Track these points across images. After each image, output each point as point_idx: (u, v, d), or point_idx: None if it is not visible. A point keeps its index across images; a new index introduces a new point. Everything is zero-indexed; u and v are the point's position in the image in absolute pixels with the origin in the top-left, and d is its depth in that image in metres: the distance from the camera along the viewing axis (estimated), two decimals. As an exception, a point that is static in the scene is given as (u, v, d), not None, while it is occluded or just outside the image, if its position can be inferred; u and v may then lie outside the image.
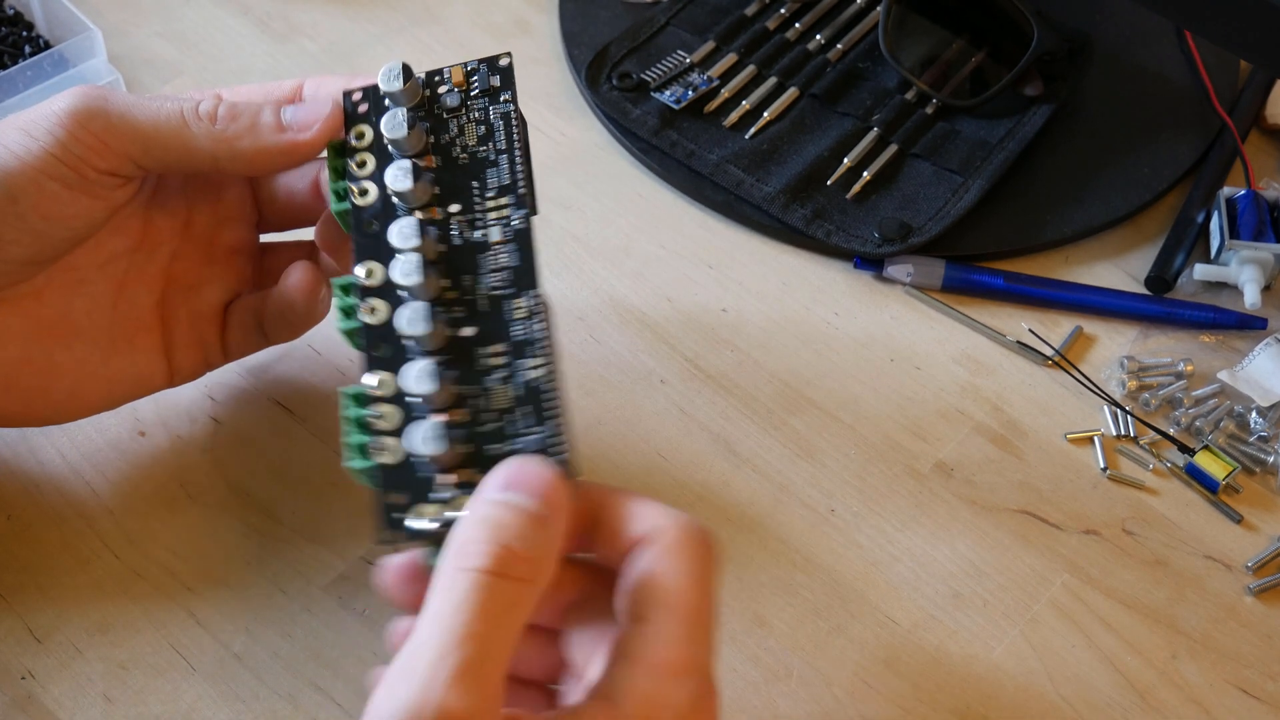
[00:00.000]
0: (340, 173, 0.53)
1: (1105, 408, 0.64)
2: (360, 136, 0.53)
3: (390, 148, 0.53)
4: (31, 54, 0.72)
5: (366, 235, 0.51)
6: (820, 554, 0.59)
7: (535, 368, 0.48)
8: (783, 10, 0.77)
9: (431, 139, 0.53)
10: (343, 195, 0.52)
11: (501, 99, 0.54)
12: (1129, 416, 0.64)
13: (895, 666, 0.56)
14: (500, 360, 0.48)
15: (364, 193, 0.52)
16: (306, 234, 0.60)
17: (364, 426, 0.48)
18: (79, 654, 0.54)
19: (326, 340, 0.64)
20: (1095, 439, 0.63)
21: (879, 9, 0.76)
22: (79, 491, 0.58)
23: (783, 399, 0.64)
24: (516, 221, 0.51)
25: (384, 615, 0.56)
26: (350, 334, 0.50)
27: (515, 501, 0.43)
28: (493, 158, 0.52)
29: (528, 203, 0.51)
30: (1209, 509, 0.62)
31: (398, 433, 0.47)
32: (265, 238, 0.61)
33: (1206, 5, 0.63)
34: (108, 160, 0.52)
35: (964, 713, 0.55)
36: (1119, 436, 0.64)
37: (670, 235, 0.70)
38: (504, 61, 0.55)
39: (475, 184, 0.52)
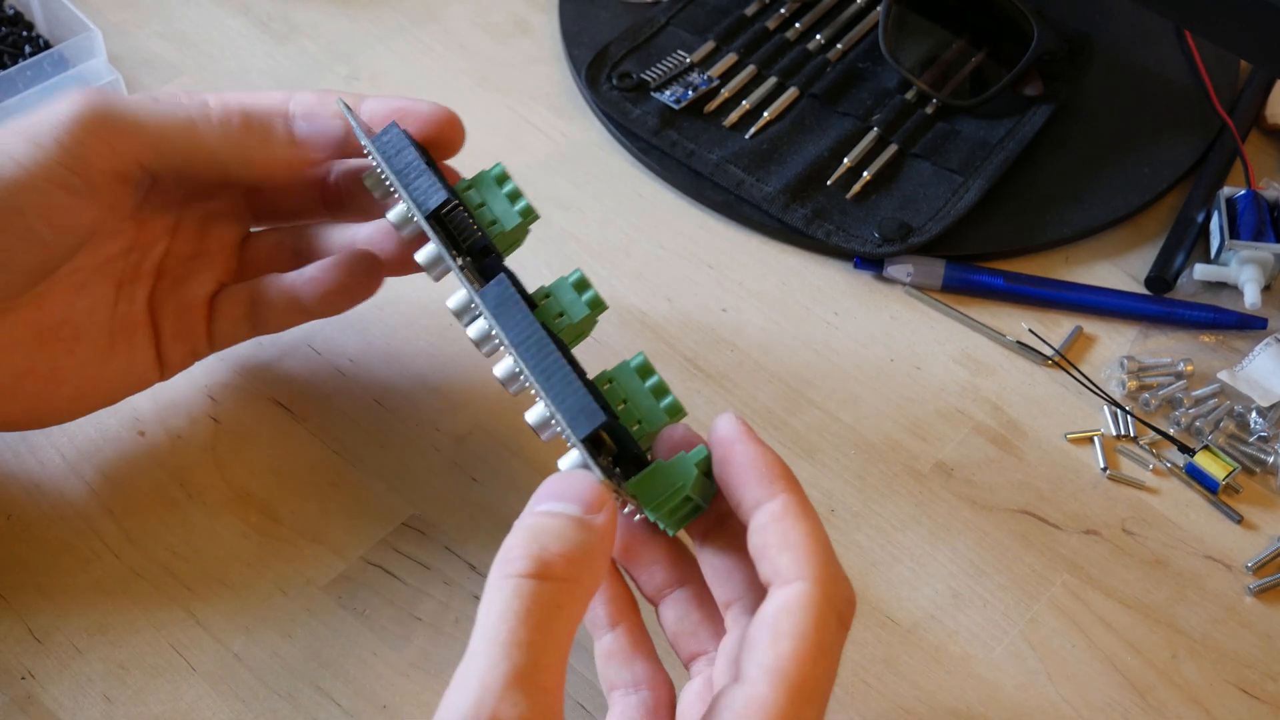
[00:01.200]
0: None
1: (1105, 408, 0.64)
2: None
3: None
4: (31, 54, 0.72)
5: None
6: (820, 554, 0.59)
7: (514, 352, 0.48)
8: (783, 10, 0.77)
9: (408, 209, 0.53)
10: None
11: (360, 140, 0.53)
12: (1129, 416, 0.64)
13: (895, 666, 0.56)
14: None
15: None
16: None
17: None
18: (79, 654, 0.54)
19: (326, 340, 0.64)
20: (1095, 439, 0.63)
21: (879, 9, 0.76)
22: (79, 491, 0.58)
23: (783, 399, 0.64)
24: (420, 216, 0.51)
25: (384, 615, 0.56)
26: None
27: (556, 509, 0.43)
28: (398, 186, 0.52)
29: (414, 195, 0.51)
30: (1209, 509, 0.62)
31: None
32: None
33: (1206, 5, 0.63)
34: (114, 164, 0.52)
35: (964, 713, 0.55)
36: (1119, 436, 0.64)
37: (670, 235, 0.70)
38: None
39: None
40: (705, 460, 0.47)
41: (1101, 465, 0.62)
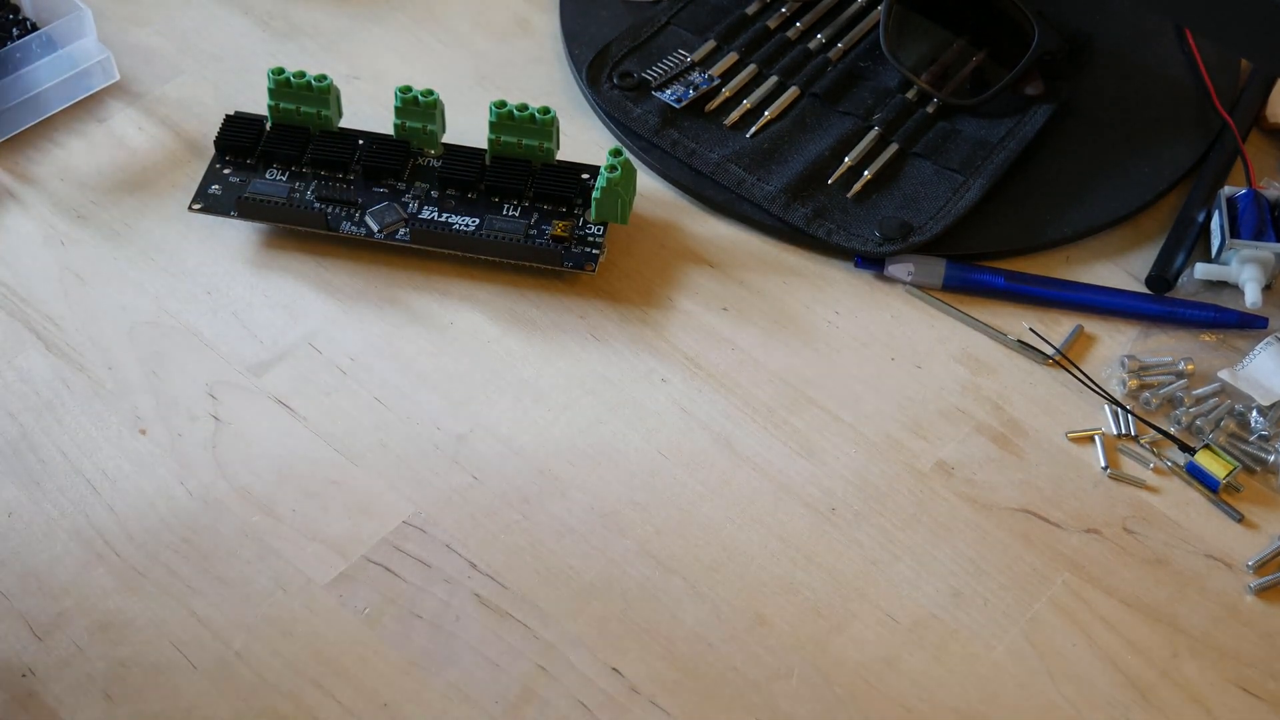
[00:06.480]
0: None
1: (1106, 407, 0.64)
2: None
3: None
4: (19, 36, 0.72)
5: None
6: (821, 553, 0.59)
7: None
8: (783, 10, 0.77)
9: None
10: None
11: None
12: (1130, 415, 0.64)
13: (895, 666, 0.56)
14: None
15: None
16: None
17: None
18: (79, 652, 0.54)
19: (328, 340, 0.64)
20: (1096, 438, 0.63)
21: (879, 9, 0.76)
22: (79, 490, 0.58)
23: (783, 398, 0.64)
24: None
25: (384, 614, 0.56)
26: None
27: None
28: None
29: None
30: (1210, 508, 0.62)
31: None
32: None
33: (1206, 5, 0.63)
34: None
35: (964, 712, 0.55)
36: (1120, 435, 0.64)
37: (670, 234, 0.70)
38: None
39: None
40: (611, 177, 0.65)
41: (1102, 464, 0.62)
